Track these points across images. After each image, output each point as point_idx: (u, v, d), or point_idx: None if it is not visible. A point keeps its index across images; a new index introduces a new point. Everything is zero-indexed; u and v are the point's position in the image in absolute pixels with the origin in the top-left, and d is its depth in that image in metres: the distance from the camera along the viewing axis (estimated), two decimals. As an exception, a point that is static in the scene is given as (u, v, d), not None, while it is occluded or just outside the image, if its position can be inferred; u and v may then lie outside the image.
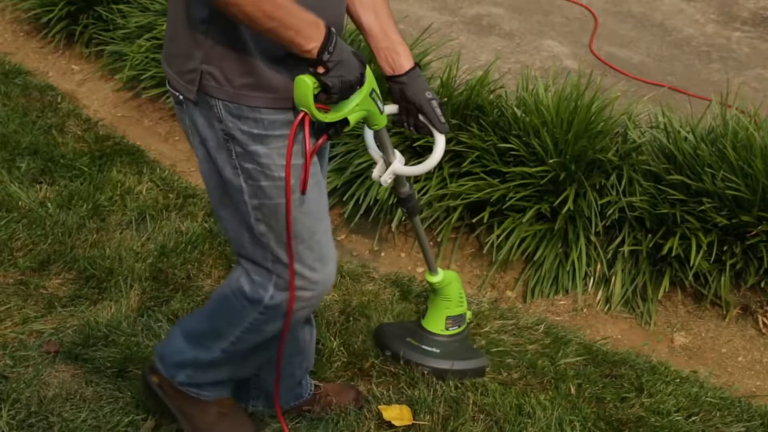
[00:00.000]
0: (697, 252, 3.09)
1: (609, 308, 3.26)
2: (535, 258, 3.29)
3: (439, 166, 3.40)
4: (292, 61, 1.88)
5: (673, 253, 3.13)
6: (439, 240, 3.43)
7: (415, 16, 5.01)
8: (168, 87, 2.06)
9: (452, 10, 5.19)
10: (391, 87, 2.24)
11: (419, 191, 3.41)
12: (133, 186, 3.62)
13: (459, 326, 2.83)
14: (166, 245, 3.24)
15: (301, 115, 1.90)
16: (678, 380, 2.87)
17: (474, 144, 3.37)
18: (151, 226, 3.37)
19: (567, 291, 3.29)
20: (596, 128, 3.36)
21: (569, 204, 3.21)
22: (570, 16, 5.24)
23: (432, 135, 2.27)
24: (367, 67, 1.98)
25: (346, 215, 3.54)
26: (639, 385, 2.80)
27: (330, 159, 3.60)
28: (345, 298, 3.13)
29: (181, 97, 1.99)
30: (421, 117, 2.24)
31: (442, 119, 2.23)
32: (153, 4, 4.38)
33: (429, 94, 2.23)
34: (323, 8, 1.91)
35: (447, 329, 2.82)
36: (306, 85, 1.86)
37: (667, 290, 3.22)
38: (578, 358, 2.90)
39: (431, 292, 2.81)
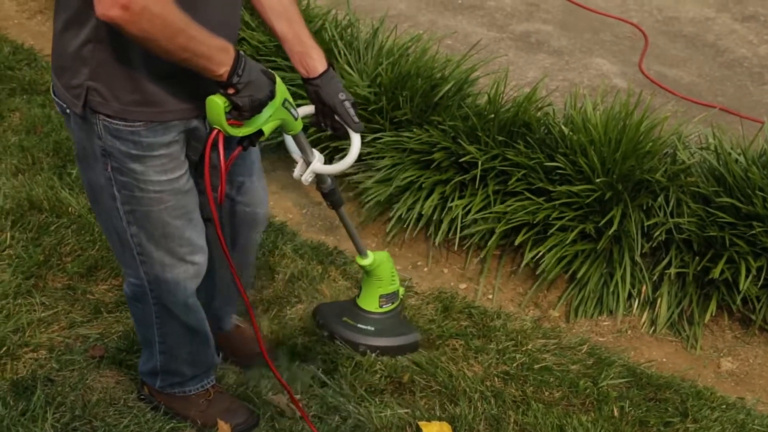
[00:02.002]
0: (746, 276, 3.04)
1: (654, 331, 3.21)
2: (579, 277, 3.26)
3: (484, 183, 3.40)
4: (180, 77, 1.95)
5: (721, 277, 3.08)
6: (482, 257, 3.41)
7: (463, 32, 5.01)
8: (53, 96, 2.12)
9: (501, 26, 5.19)
10: (306, 89, 2.36)
11: (464, 208, 3.40)
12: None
13: (392, 303, 2.97)
14: (211, 254, 3.26)
15: (215, 132, 2.01)
16: (724, 406, 2.82)
17: (520, 161, 3.36)
18: (197, 235, 3.40)
19: (611, 312, 3.25)
20: (645, 148, 3.33)
21: (615, 224, 3.18)
22: (620, 35, 5.20)
23: (348, 135, 2.39)
24: (278, 79, 2.08)
25: (389, 229, 3.54)
26: (684, 410, 2.75)
27: (374, 172, 3.61)
28: (387, 312, 3.13)
29: (67, 110, 2.06)
30: (336, 117, 2.35)
31: (356, 119, 2.35)
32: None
33: (342, 96, 2.34)
34: (226, 18, 2.03)
35: (381, 307, 2.94)
36: (217, 105, 1.96)
37: (714, 314, 3.16)
38: (621, 380, 2.87)
39: (364, 273, 2.92)
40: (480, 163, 3.38)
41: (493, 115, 3.50)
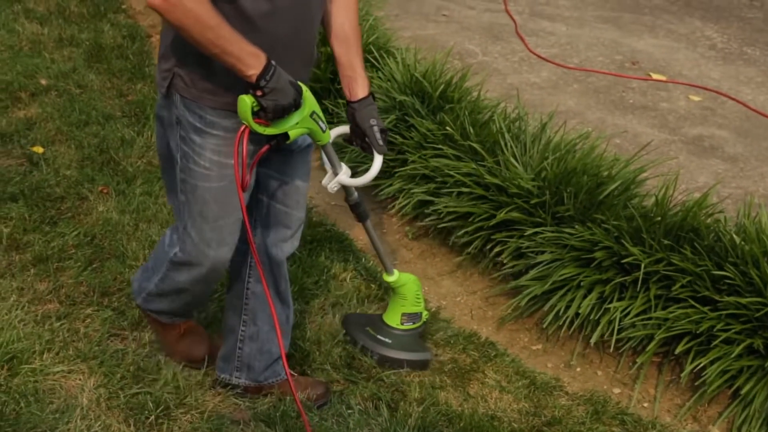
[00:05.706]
0: None
1: (825, 461, 2.97)
2: (743, 394, 3.07)
3: (646, 287, 3.29)
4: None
5: None
6: (639, 363, 3.28)
7: (633, 132, 4.94)
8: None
9: (673, 128, 5.08)
10: (347, 110, 2.66)
11: (623, 311, 3.29)
12: (338, 273, 3.73)
13: (414, 323, 3.23)
14: (363, 334, 3.30)
15: (243, 127, 2.32)
16: None
17: (686, 267, 3.24)
18: (351, 314, 3.45)
19: (777, 435, 3.04)
20: (824, 264, 3.14)
21: (787, 342, 3.00)
22: (800, 144, 4.99)
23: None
24: (309, 92, 2.39)
25: (544, 325, 3.47)
26: None
27: (532, 266, 3.56)
28: (536, 410, 3.05)
29: (160, 90, 2.47)
30: (366, 139, 2.64)
31: (381, 142, 2.62)
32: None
33: (373, 121, 2.61)
34: (295, 38, 2.37)
35: (402, 324, 3.21)
36: (245, 103, 2.28)
37: None
38: None
39: (391, 290, 3.22)
40: (643, 265, 3.28)
41: (659, 218, 3.41)
